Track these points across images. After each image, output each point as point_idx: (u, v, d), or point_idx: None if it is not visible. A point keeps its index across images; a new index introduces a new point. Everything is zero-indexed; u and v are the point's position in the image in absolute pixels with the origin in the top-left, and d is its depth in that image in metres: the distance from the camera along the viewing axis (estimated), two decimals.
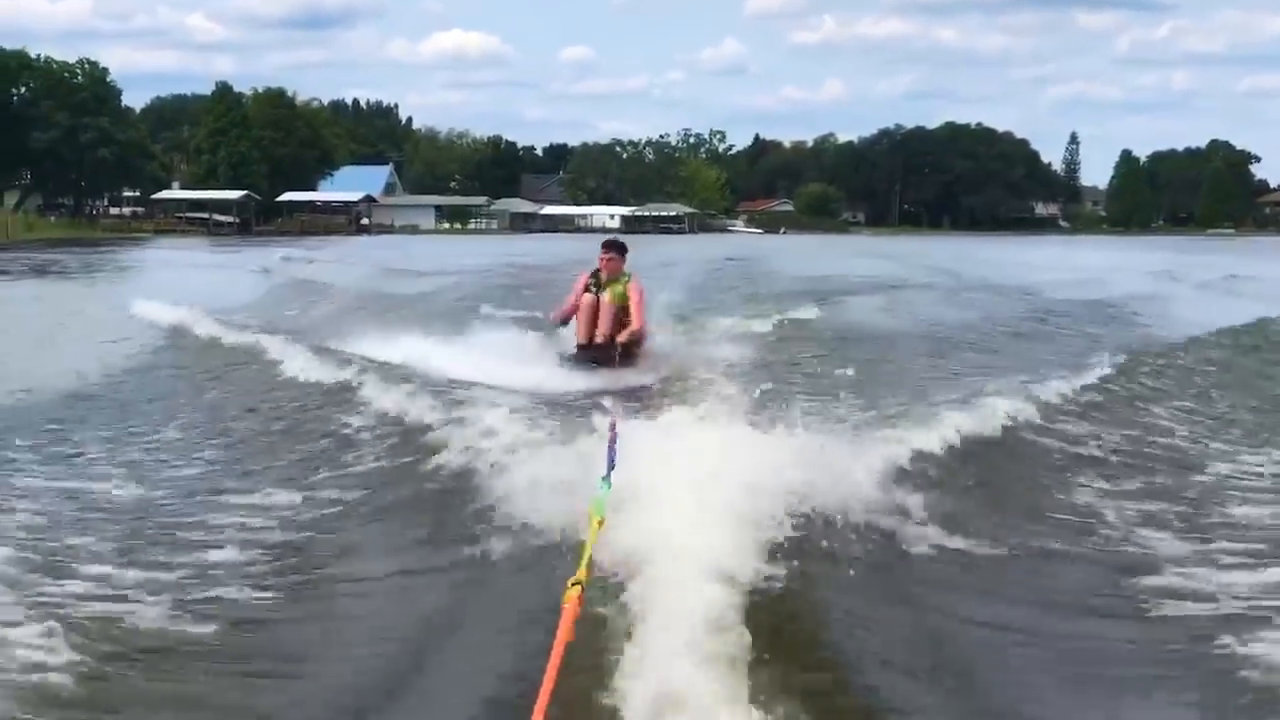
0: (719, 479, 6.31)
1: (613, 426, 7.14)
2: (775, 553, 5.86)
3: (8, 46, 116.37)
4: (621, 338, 15.11)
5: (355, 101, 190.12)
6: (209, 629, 6.16)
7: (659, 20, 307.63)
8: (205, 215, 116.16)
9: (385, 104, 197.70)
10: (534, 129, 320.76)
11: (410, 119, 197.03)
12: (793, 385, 13.49)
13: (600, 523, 5.64)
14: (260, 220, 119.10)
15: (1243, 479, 10.27)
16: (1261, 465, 10.83)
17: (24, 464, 10.53)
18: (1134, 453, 11.04)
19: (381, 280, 36.77)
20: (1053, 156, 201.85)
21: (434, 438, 9.63)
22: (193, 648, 5.92)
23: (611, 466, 6.39)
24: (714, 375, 13.35)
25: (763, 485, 6.42)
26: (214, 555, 7.45)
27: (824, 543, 6.50)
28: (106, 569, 7.07)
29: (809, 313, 24.08)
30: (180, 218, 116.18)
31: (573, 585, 4.70)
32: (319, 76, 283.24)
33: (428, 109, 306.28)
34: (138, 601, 6.48)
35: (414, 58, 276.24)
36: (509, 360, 14.87)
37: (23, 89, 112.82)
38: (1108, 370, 14.54)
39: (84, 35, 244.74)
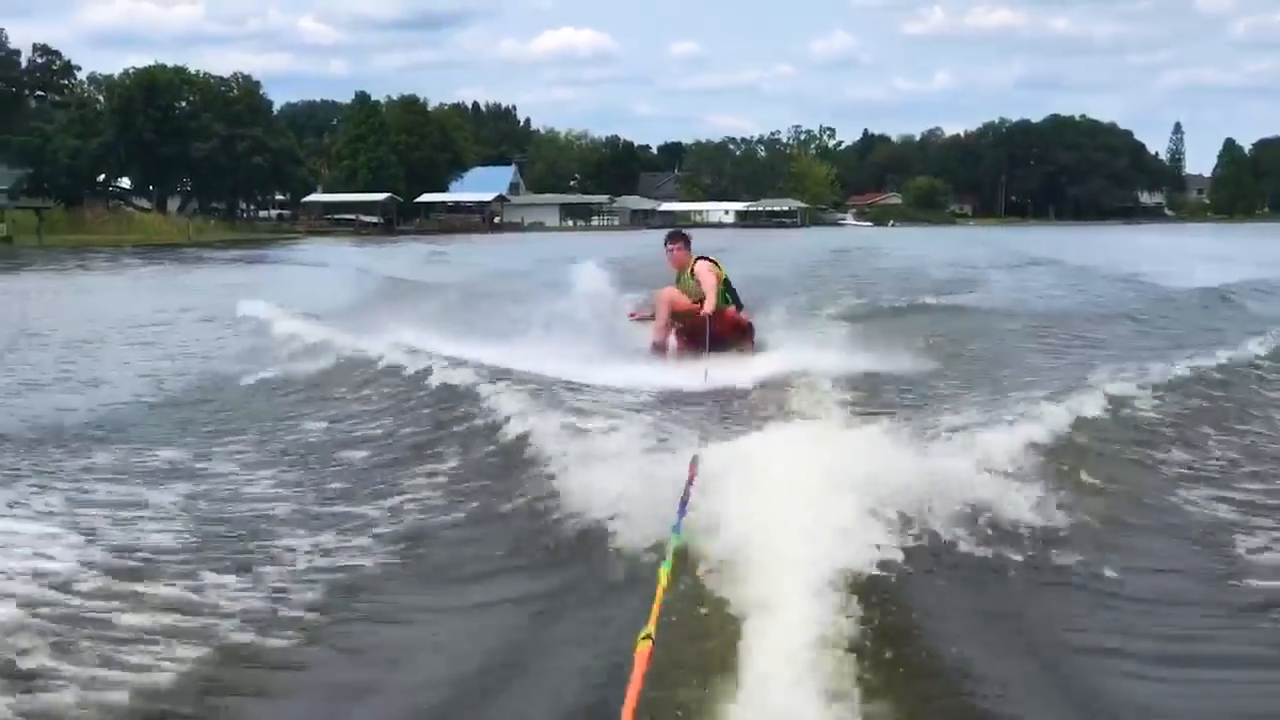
0: (820, 484, 6.17)
1: (693, 467, 6.68)
2: (877, 561, 5.75)
3: (130, 54, 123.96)
4: (705, 309, 14.50)
5: (475, 104, 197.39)
6: (289, 639, 5.94)
7: (768, 14, 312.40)
8: (351, 216, 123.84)
9: (504, 106, 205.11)
10: (644, 125, 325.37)
11: (529, 120, 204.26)
12: (894, 379, 13.34)
13: (670, 572, 5.36)
14: (400, 221, 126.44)
15: None
16: None
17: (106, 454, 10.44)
18: (1262, 454, 10.17)
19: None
20: (1160, 145, 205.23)
21: (520, 443, 9.32)
22: (276, 658, 5.73)
23: (683, 513, 6.09)
24: (814, 372, 12.97)
25: (865, 488, 6.27)
26: (292, 564, 7.11)
27: (930, 550, 6.34)
28: (188, 572, 6.83)
29: (914, 298, 26.10)
30: (329, 219, 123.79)
31: (643, 639, 4.43)
32: (430, 77, 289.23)
33: (538, 107, 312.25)
34: (219, 608, 6.27)
35: (524, 56, 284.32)
36: (600, 360, 14.41)
37: (183, 103, 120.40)
38: (1230, 360, 13.90)
39: (199, 40, 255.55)
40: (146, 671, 5.41)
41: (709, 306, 14.38)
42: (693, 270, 15.01)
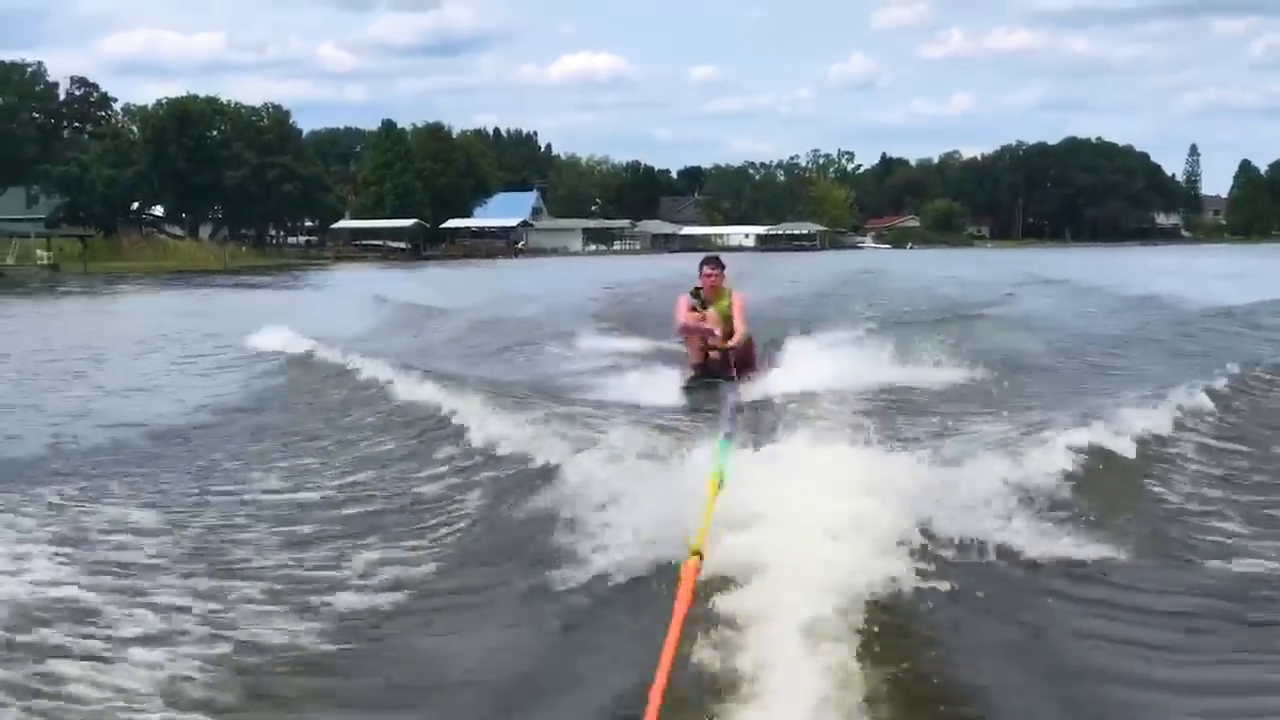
0: (833, 498, 6.20)
1: (735, 389, 6.73)
2: (889, 575, 5.71)
3: (151, 82, 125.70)
4: (734, 340, 15.14)
5: (496, 130, 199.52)
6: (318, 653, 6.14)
7: (786, 37, 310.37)
8: (379, 242, 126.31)
9: (525, 132, 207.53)
10: (663, 149, 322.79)
11: (549, 145, 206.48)
12: (908, 397, 13.46)
13: (720, 484, 5.39)
14: (426, 246, 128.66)
15: None
16: None
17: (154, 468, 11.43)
18: (1268, 470, 10.29)
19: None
20: (1176, 167, 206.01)
21: (546, 463, 9.50)
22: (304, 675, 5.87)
23: (733, 426, 6.01)
24: (827, 388, 13.04)
25: (878, 503, 6.26)
26: (313, 586, 7.30)
27: (941, 564, 6.25)
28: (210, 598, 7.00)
29: (924, 315, 26.66)
30: (357, 245, 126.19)
31: (692, 554, 4.42)
32: (449, 102, 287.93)
33: (558, 131, 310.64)
34: (244, 630, 6.43)
35: (543, 81, 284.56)
36: (631, 382, 15.10)
37: (214, 132, 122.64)
38: (1236, 381, 13.82)
39: (219, 68, 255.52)
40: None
41: (738, 338, 15.20)
42: (731, 301, 15.53)
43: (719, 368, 14.80)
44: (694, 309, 15.33)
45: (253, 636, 6.32)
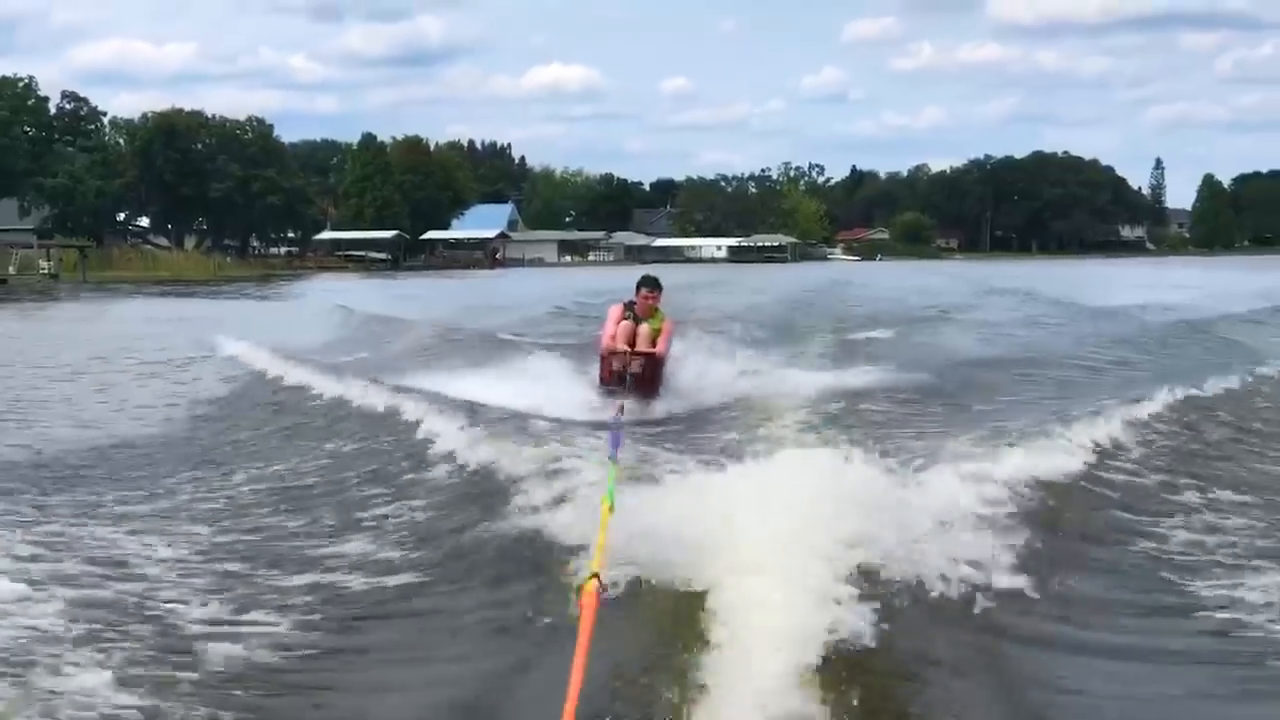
0: (783, 517, 6.01)
1: (620, 408, 6.43)
2: (842, 595, 5.56)
3: (123, 92, 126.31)
4: (651, 349, 15.50)
5: (471, 143, 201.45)
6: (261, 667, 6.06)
7: (758, 50, 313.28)
8: (361, 253, 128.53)
9: (500, 144, 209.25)
10: (636, 161, 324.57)
11: (523, 158, 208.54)
12: (854, 411, 13.35)
13: (610, 509, 5.37)
14: (406, 257, 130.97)
15: None
16: None
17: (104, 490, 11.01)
18: (1229, 487, 10.22)
19: None
20: (1141, 180, 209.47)
21: (472, 466, 9.69)
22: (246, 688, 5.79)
23: (617, 445, 6.01)
24: (770, 403, 13.06)
25: (825, 521, 6.08)
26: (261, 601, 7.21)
27: (891, 584, 6.12)
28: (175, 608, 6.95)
29: (875, 331, 26.76)
30: (339, 255, 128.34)
31: (590, 578, 4.39)
32: (421, 114, 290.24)
33: (530, 143, 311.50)
34: (203, 640, 6.38)
35: (515, 93, 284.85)
36: (547, 387, 15.58)
37: (200, 145, 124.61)
38: (1195, 396, 13.85)
39: (189, 79, 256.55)
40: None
41: (661, 349, 15.64)
42: (661, 325, 15.90)
43: (630, 382, 15.16)
44: (626, 318, 15.79)
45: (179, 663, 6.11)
